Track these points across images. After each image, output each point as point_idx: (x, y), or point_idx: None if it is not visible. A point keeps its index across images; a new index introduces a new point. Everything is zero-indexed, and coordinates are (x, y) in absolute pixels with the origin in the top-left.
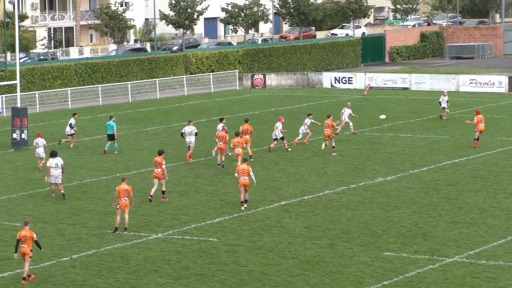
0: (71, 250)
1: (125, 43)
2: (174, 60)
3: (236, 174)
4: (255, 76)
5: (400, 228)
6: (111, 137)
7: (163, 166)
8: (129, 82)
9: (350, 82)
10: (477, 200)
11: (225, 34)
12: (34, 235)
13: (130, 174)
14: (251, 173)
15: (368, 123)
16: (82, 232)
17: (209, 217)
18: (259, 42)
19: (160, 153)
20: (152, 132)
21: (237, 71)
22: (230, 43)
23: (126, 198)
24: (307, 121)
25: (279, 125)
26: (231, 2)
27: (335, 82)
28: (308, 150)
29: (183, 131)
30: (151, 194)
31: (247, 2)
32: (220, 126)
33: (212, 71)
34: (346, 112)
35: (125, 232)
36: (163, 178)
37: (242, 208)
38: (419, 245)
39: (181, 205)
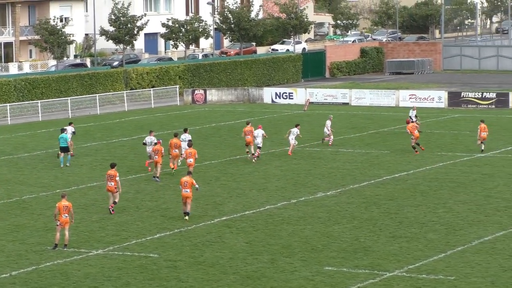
0: (10, 267)
1: (65, 58)
2: (114, 76)
3: (180, 186)
4: (196, 92)
5: (341, 243)
6: (64, 150)
7: (117, 179)
8: (69, 98)
9: (290, 97)
10: (417, 215)
11: (165, 49)
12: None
13: (70, 190)
14: (196, 185)
15: (309, 138)
16: (21, 248)
17: (149, 233)
18: (200, 57)
19: (112, 166)
20: (92, 148)
21: (177, 86)
22: (170, 59)
23: (66, 215)
24: (295, 130)
25: (259, 132)
26: (171, 18)
27: (275, 98)
28: (249, 165)
29: (144, 141)
30: (110, 208)
31: (187, 18)
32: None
33: (153, 87)
34: (328, 124)
35: (65, 249)
36: (116, 191)
37: (186, 218)
38: (360, 259)
39: (122, 221)
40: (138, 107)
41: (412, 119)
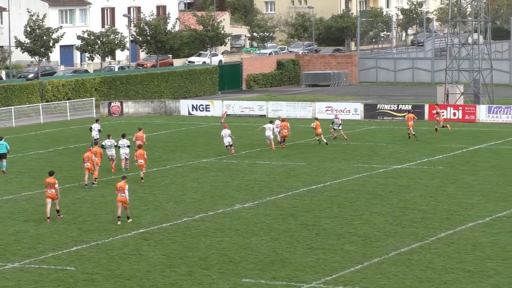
0: None
1: None
2: (29, 88)
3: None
4: (112, 104)
5: (259, 255)
6: (3, 156)
7: (56, 186)
8: None
9: (207, 109)
10: (334, 226)
11: (81, 61)
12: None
13: None
14: (126, 191)
15: (226, 151)
16: None
17: (66, 246)
18: (116, 69)
19: (50, 173)
20: (7, 161)
21: (94, 98)
22: (86, 71)
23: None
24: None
25: (226, 131)
26: (87, 30)
27: (192, 110)
28: (166, 177)
29: (103, 143)
30: (48, 215)
31: (103, 30)
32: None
33: (69, 99)
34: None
35: None
36: (57, 198)
37: (119, 223)
38: (277, 271)
39: (38, 234)
40: (54, 119)
41: (335, 128)
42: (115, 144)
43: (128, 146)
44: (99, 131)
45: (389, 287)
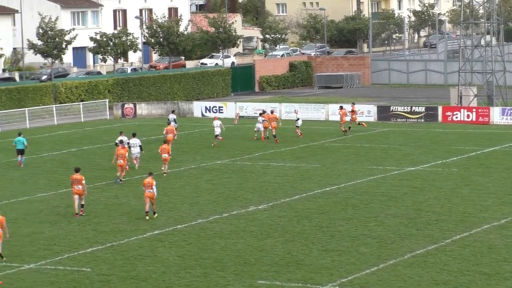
0: None
1: None
2: (43, 90)
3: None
4: (126, 105)
5: (273, 257)
6: (20, 152)
7: (83, 182)
8: None
9: (220, 111)
10: (349, 228)
11: (94, 63)
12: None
13: (0, 204)
14: (154, 187)
15: (240, 152)
16: None
17: (82, 247)
18: (129, 71)
19: (77, 170)
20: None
21: (107, 100)
22: (99, 73)
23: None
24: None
25: (217, 122)
26: (99, 32)
27: (205, 112)
28: (181, 179)
29: (128, 142)
30: (76, 211)
31: (115, 31)
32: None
33: (82, 101)
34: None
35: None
36: (84, 194)
37: (147, 218)
38: (293, 273)
39: (53, 235)
40: (68, 121)
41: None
42: (128, 142)
43: (140, 146)
44: (175, 121)
45: None
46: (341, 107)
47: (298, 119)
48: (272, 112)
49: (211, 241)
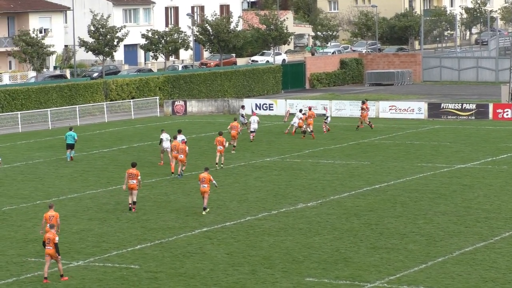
0: None
1: (44, 69)
2: (94, 87)
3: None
4: (176, 103)
5: (322, 254)
6: (70, 146)
7: (139, 177)
8: (48, 109)
9: (271, 108)
10: (398, 226)
11: (145, 60)
12: (56, 238)
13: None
14: (213, 181)
15: (289, 150)
16: (1, 260)
17: (130, 244)
18: (180, 68)
19: (133, 165)
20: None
21: (157, 97)
22: (150, 70)
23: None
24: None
25: (255, 118)
26: (151, 29)
27: (256, 109)
28: (229, 176)
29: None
30: (130, 203)
31: (167, 29)
32: (164, 136)
33: (133, 98)
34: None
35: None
36: (138, 188)
37: (204, 213)
38: (341, 270)
39: (102, 232)
40: (118, 118)
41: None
42: (170, 139)
43: (184, 142)
44: (242, 116)
45: (452, 286)
46: (363, 102)
47: (327, 117)
48: (310, 109)
49: (259, 239)
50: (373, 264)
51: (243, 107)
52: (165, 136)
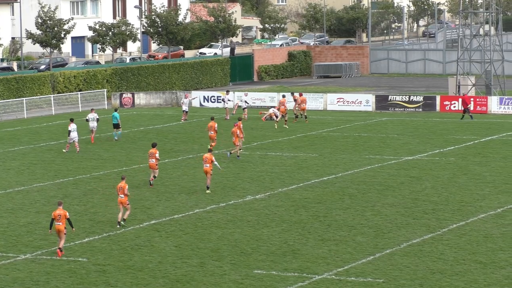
0: None
1: None
2: (41, 79)
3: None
4: (124, 95)
5: (270, 246)
6: (116, 126)
7: (157, 155)
8: None
9: (219, 101)
10: (346, 218)
11: (93, 53)
12: (67, 214)
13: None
14: (215, 162)
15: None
16: None
17: (78, 237)
18: (128, 61)
19: (153, 145)
20: (19, 152)
21: (105, 90)
22: (98, 62)
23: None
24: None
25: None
26: (98, 21)
27: (204, 101)
28: (178, 169)
29: (87, 117)
30: (151, 180)
31: (115, 21)
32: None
33: (80, 90)
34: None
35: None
36: (157, 168)
37: (207, 191)
38: (289, 262)
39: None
40: (66, 110)
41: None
42: (97, 118)
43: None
44: (246, 102)
45: (400, 278)
46: (292, 93)
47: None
48: (301, 94)
49: (207, 231)
50: (321, 256)
51: (227, 92)
52: (91, 116)
